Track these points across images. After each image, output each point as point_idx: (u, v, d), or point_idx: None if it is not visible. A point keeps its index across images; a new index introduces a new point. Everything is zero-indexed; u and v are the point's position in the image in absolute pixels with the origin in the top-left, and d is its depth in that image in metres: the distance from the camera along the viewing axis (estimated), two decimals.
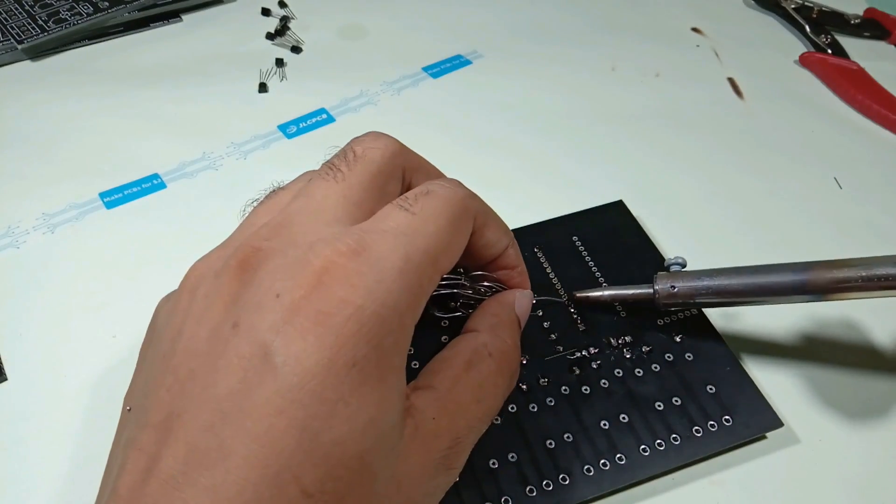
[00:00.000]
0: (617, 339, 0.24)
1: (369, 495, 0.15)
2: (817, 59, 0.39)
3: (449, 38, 0.40)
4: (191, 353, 0.16)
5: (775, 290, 0.22)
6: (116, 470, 0.15)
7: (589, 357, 0.24)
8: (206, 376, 0.15)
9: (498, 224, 0.21)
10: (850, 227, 0.30)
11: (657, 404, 0.23)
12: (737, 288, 0.23)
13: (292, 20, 0.41)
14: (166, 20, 0.41)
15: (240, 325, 0.15)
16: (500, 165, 0.32)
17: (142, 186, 0.31)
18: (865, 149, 0.35)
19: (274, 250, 0.16)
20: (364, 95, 0.37)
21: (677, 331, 0.25)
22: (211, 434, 0.14)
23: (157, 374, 0.16)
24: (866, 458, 0.23)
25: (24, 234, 0.29)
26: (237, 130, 0.34)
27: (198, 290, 0.17)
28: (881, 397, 0.24)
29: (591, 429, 0.22)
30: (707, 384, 0.23)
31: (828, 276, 0.21)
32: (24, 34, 0.38)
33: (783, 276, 0.22)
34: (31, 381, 0.24)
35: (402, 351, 0.16)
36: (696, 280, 0.23)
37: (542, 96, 0.37)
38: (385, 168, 0.19)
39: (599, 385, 0.23)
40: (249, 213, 0.19)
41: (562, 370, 0.24)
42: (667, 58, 0.39)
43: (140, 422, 0.16)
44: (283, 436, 0.14)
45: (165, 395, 0.16)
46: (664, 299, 0.24)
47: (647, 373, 0.24)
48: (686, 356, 0.24)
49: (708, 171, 0.33)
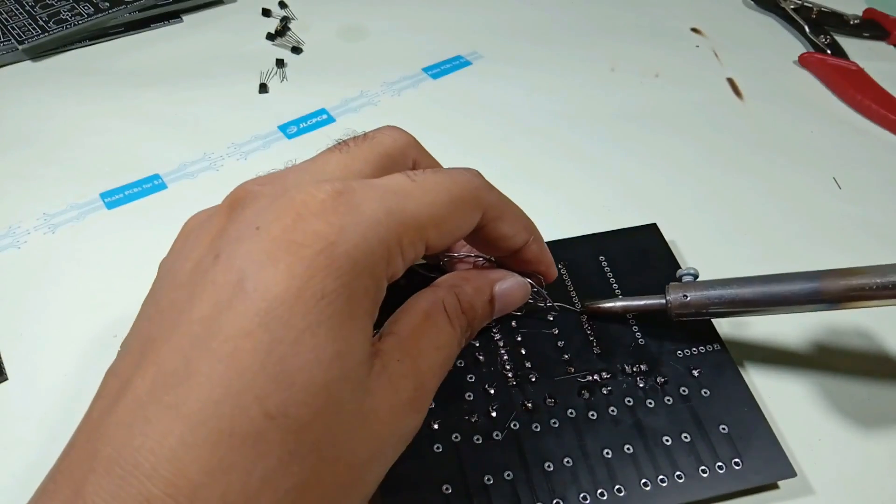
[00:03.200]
0: (632, 367, 0.24)
1: (333, 425, 0.15)
2: (817, 59, 0.39)
3: (449, 39, 0.40)
4: (174, 285, 0.17)
5: (788, 299, 0.22)
6: (94, 398, 0.16)
7: (600, 382, 0.23)
8: (184, 304, 0.15)
9: (516, 219, 0.21)
10: (850, 228, 0.30)
11: (665, 438, 0.22)
12: (749, 297, 0.22)
13: (293, 21, 0.41)
14: (167, 21, 0.41)
15: (220, 256, 0.16)
16: (500, 165, 0.33)
17: (143, 187, 0.31)
18: (864, 149, 0.35)
19: (263, 193, 0.17)
20: (364, 96, 0.37)
21: (696, 364, 0.24)
22: (179, 355, 0.14)
23: (143, 309, 0.17)
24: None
25: (25, 234, 0.29)
26: (238, 131, 0.34)
27: (191, 231, 0.18)
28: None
29: (592, 456, 0.21)
30: (721, 423, 0.22)
31: (841, 284, 0.21)
32: (25, 35, 0.38)
33: (795, 284, 0.22)
34: (32, 380, 0.24)
35: (373, 300, 0.16)
36: (709, 290, 0.23)
37: (542, 97, 0.37)
38: (393, 153, 0.19)
39: (607, 412, 0.23)
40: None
41: (570, 392, 0.23)
42: (666, 58, 0.40)
43: (121, 353, 0.17)
44: (247, 357, 0.14)
45: (146, 324, 0.17)
46: (676, 309, 0.23)
47: (659, 405, 0.23)
48: (703, 392, 0.23)
49: (706, 171, 0.33)
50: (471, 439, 0.22)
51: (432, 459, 0.21)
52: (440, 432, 0.22)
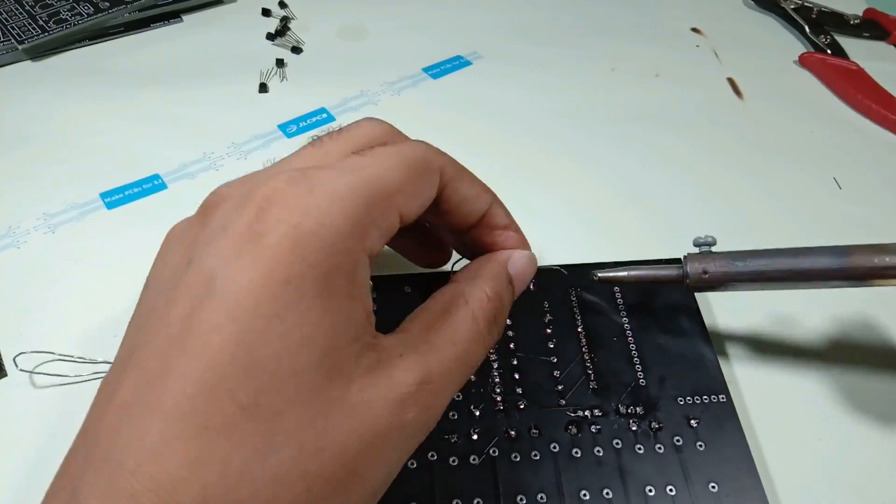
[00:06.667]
0: (627, 408, 0.22)
1: (311, 413, 0.15)
2: (817, 59, 0.39)
3: (449, 39, 0.40)
4: (154, 294, 0.17)
5: (813, 274, 0.21)
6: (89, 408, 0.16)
7: (590, 419, 0.22)
8: (162, 309, 0.16)
9: (473, 180, 0.21)
10: (850, 228, 0.30)
11: (648, 488, 0.21)
12: (773, 272, 0.21)
13: (292, 20, 0.41)
14: (167, 20, 0.41)
15: (192, 261, 0.16)
16: (501, 165, 0.32)
17: (143, 187, 0.31)
18: (865, 149, 0.35)
19: (232, 195, 0.18)
20: (364, 95, 0.37)
21: (696, 414, 0.22)
22: (158, 357, 0.15)
23: (130, 320, 0.18)
24: None
25: (25, 234, 0.29)
26: (238, 131, 0.34)
27: (171, 241, 0.19)
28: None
29: (568, 496, 0.20)
30: (711, 481, 0.21)
31: (869, 261, 0.20)
32: (25, 34, 0.38)
33: (822, 259, 0.21)
34: (32, 380, 0.24)
35: (349, 278, 0.16)
36: (730, 263, 0.22)
37: (542, 97, 0.37)
38: (368, 144, 0.19)
39: (592, 451, 0.21)
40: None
41: (558, 426, 0.22)
42: (666, 58, 0.40)
43: (111, 364, 0.17)
44: (217, 350, 0.14)
45: (132, 334, 0.17)
46: (695, 283, 0.22)
47: (649, 451, 0.21)
48: (698, 444, 0.22)
49: (706, 170, 0.33)
50: (447, 460, 0.21)
51: (404, 474, 0.20)
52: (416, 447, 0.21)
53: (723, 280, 0.22)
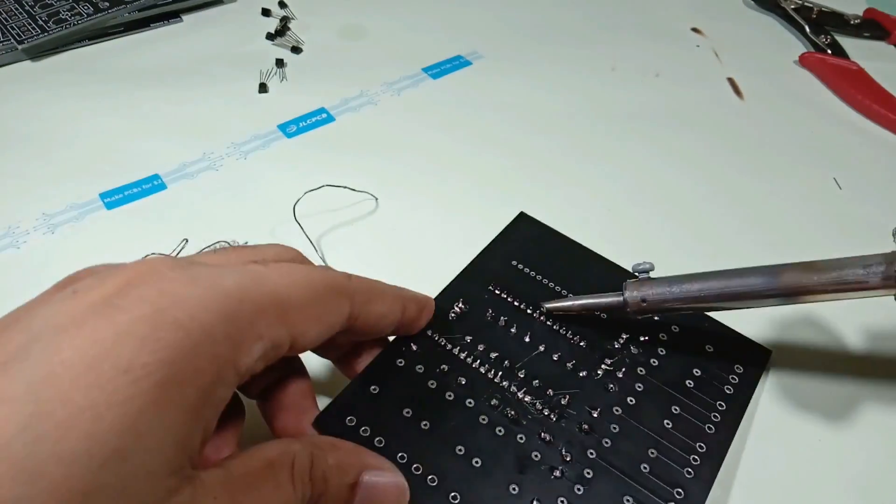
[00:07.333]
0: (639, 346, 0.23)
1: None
2: (817, 59, 0.39)
3: (449, 39, 0.40)
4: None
5: (747, 295, 0.22)
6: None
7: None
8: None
9: (384, 294, 0.20)
10: (850, 227, 0.30)
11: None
12: (708, 296, 0.22)
13: (292, 20, 0.41)
14: (166, 20, 0.41)
15: (20, 317, 0.14)
16: (500, 165, 0.32)
17: (142, 187, 0.31)
18: (865, 149, 0.35)
19: (113, 265, 0.15)
20: (364, 95, 0.37)
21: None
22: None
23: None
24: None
25: (25, 235, 0.29)
26: (237, 130, 0.34)
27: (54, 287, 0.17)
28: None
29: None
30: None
31: (799, 280, 0.21)
32: (25, 34, 0.38)
33: (754, 280, 0.22)
34: None
35: (205, 390, 0.13)
36: (667, 290, 0.23)
37: (542, 97, 0.37)
38: (273, 258, 0.18)
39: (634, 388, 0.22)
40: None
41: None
42: (667, 58, 0.40)
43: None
44: (3, 428, 0.12)
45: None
46: (634, 310, 0.23)
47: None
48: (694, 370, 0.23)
49: (707, 170, 0.33)
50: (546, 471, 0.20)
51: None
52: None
53: (661, 305, 0.23)
